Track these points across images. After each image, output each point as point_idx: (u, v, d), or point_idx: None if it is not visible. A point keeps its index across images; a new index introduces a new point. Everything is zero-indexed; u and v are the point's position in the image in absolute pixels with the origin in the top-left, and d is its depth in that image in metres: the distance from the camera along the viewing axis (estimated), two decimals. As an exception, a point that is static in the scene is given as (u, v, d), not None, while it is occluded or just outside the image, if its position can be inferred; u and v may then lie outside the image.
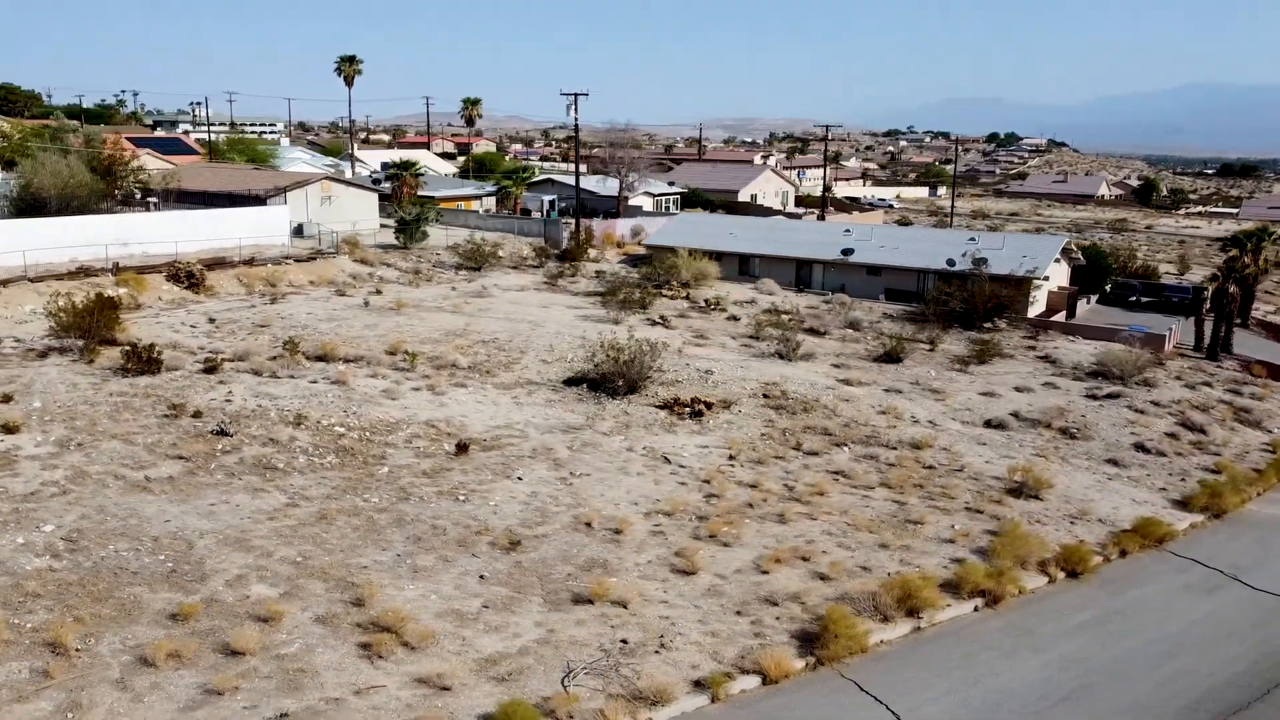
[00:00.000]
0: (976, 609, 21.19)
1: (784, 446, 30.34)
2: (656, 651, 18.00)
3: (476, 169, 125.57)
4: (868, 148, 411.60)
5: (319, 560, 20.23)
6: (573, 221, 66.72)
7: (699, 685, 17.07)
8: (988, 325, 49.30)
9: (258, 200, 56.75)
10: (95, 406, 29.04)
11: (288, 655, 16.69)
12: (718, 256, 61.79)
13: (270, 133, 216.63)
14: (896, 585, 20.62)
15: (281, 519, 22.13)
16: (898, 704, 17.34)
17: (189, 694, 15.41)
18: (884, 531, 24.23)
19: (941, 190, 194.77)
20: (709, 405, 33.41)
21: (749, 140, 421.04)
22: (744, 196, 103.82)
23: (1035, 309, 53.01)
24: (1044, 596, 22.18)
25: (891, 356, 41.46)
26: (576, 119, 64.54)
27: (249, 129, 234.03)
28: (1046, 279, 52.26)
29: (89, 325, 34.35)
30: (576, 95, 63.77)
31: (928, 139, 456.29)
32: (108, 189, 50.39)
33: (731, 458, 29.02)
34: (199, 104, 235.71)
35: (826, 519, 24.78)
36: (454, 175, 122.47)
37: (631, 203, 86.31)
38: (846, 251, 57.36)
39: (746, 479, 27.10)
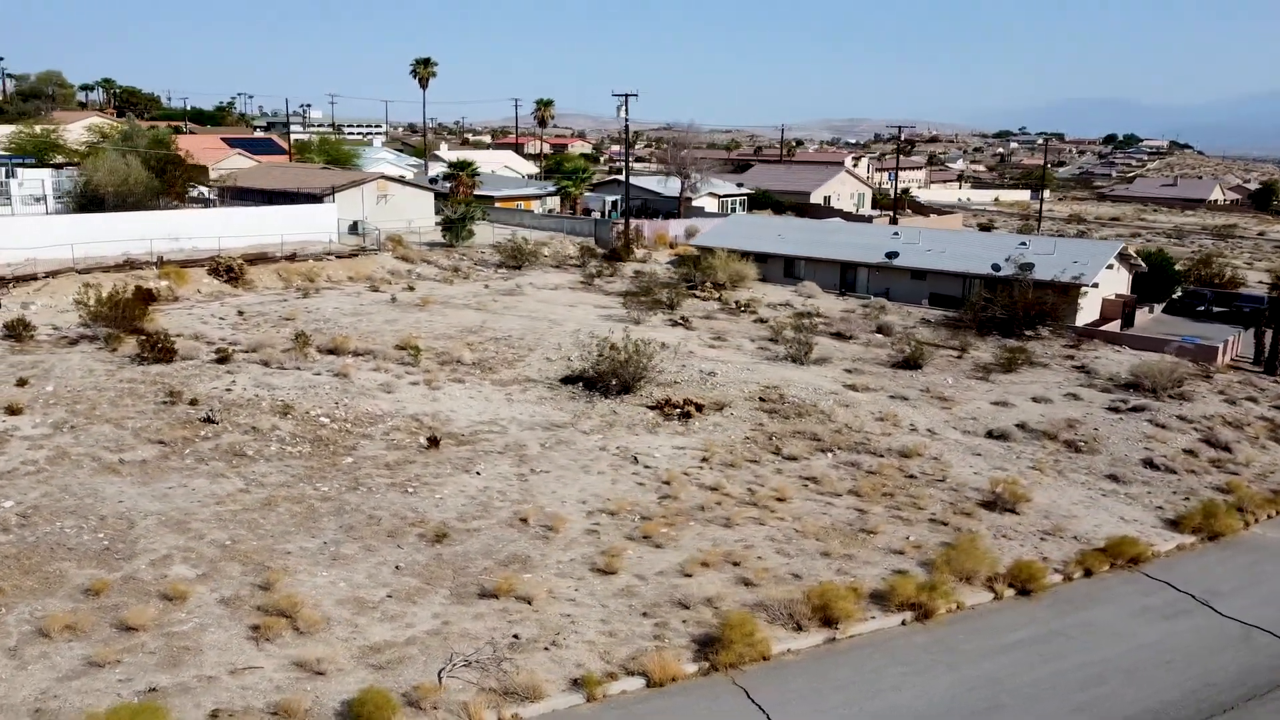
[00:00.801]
0: (904, 623, 20.59)
1: (763, 450, 29.98)
2: (546, 648, 18.08)
3: (556, 170, 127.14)
4: (976, 149, 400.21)
5: (246, 545, 20.98)
6: (623, 221, 66.95)
7: (576, 684, 17.08)
8: (1029, 333, 47.60)
9: (313, 199, 58.79)
10: (102, 392, 30.64)
11: (179, 633, 17.39)
12: (764, 258, 61.33)
13: (374, 133, 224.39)
14: (815, 594, 20.19)
15: (229, 504, 23.01)
16: (782, 714, 17.02)
17: (72, 665, 16.23)
18: (831, 540, 23.73)
19: (1045, 193, 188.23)
20: (699, 407, 33.23)
21: (853, 141, 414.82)
22: (817, 199, 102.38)
23: (1085, 317, 50.87)
24: (984, 613, 21.39)
25: (910, 363, 40.43)
26: (627, 120, 64.82)
27: (352, 130, 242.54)
28: (1095, 286, 50.07)
29: (116, 315, 36.21)
30: (627, 96, 64.07)
31: (1040, 141, 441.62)
32: (163, 187, 52.94)
33: (704, 460, 28.82)
34: (308, 106, 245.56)
35: (777, 524, 24.41)
36: (536, 176, 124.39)
37: (695, 203, 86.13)
38: (891, 255, 56.10)
39: (709, 482, 26.88)
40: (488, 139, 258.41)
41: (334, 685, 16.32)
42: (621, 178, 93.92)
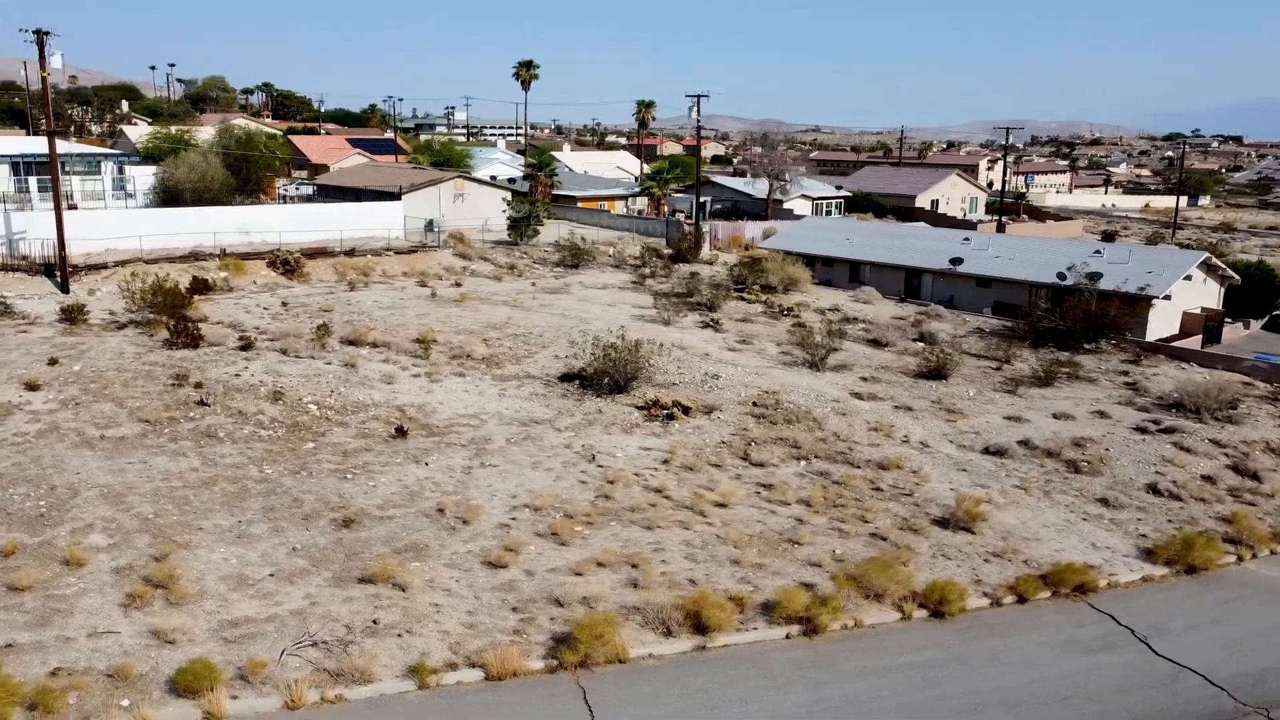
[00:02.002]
0: (789, 636, 19.98)
1: (732, 456, 29.53)
2: (399, 635, 18.49)
3: (669, 171, 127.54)
4: (1142, 153, 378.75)
5: (167, 519, 22.26)
6: (693, 222, 66.79)
7: (412, 671, 17.42)
8: (1088, 346, 44.98)
9: (389, 196, 61.22)
10: (121, 373, 32.98)
11: (60, 596, 18.68)
12: (830, 263, 60.18)
13: (502, 135, 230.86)
14: (691, 601, 19.87)
15: (173, 481, 24.44)
16: (611, 715, 16.88)
17: (-51, 618, 17.71)
18: (750, 549, 23.23)
19: (1204, 200, 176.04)
20: (686, 410, 32.99)
21: (1005, 144, 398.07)
22: (923, 202, 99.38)
23: (1160, 330, 47.64)
24: (883, 633, 20.51)
25: (936, 373, 38.89)
26: (699, 121, 64.64)
27: (492, 131, 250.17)
28: (1167, 298, 46.78)
29: (161, 303, 38.82)
30: (699, 97, 63.95)
31: (1215, 144, 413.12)
32: (238, 184, 56.22)
33: (665, 462, 28.64)
34: (453, 109, 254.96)
35: (702, 530, 24.07)
36: (646, 176, 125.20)
37: (786, 205, 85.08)
38: (955, 261, 53.98)
39: (656, 484, 26.71)
40: (624, 140, 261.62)
41: (178, 654, 17.19)
42: (716, 179, 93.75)
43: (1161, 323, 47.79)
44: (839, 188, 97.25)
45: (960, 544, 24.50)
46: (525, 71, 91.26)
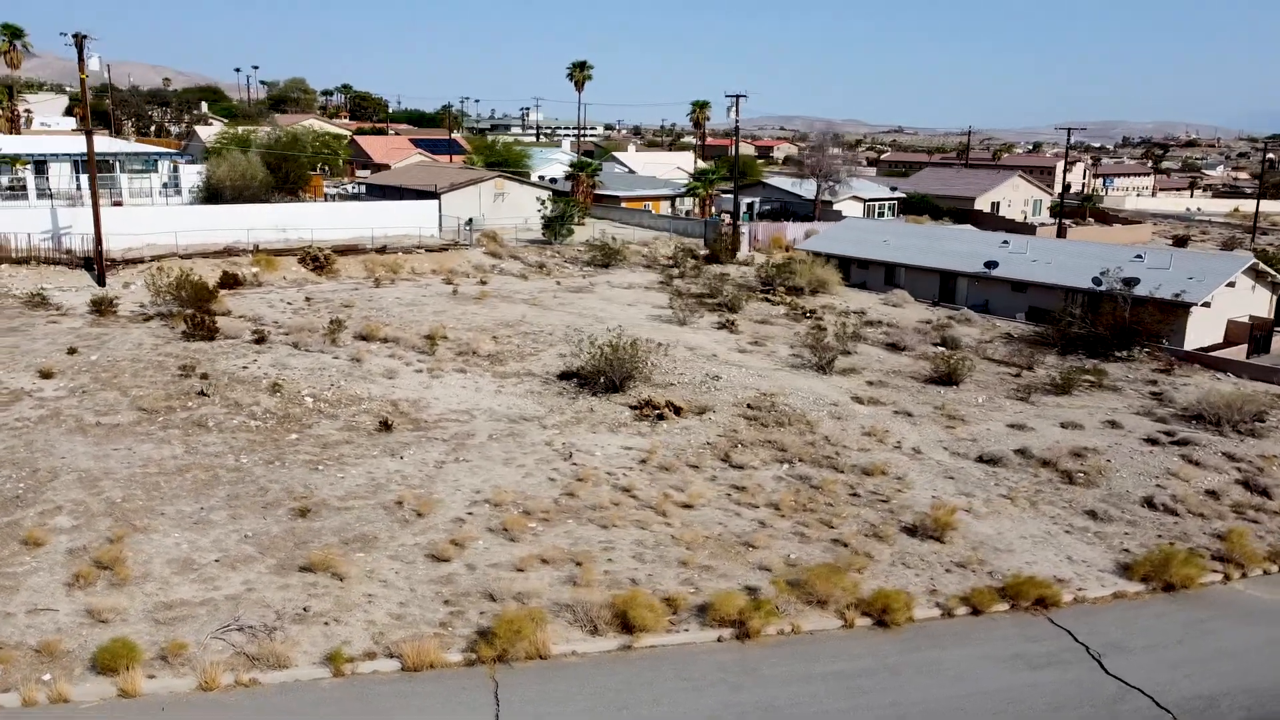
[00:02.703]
0: (720, 639, 19.80)
1: (713, 457, 29.35)
2: (326, 623, 18.87)
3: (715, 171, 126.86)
4: (1240, 155, 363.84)
5: (133, 504, 23.08)
6: (730, 223, 66.46)
7: (328, 659, 17.77)
8: (1120, 354, 43.49)
9: (431, 195, 62.29)
10: (135, 363, 34.26)
11: (10, 574, 19.52)
12: (865, 265, 59.30)
13: (587, 135, 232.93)
14: (620, 601, 19.84)
15: (150, 467, 25.32)
16: (511, 712, 16.97)
17: (-100, 591, 18.66)
18: (701, 550, 23.08)
19: (1262, 204, 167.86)
20: (678, 410, 32.90)
21: (1097, 145, 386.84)
22: (982, 205, 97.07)
23: (1201, 339, 45.76)
24: (820, 640, 20.16)
25: (947, 378, 38.03)
26: (738, 121, 64.28)
27: (565, 131, 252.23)
28: (1206, 305, 44.91)
29: (185, 297, 40.21)
30: (738, 97, 63.59)
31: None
32: (277, 182, 57.82)
33: (642, 462, 28.61)
34: (526, 110, 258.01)
35: (659, 530, 23.98)
36: (691, 177, 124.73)
37: (835, 206, 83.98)
38: (989, 264, 52.66)
39: (626, 483, 26.69)
40: (692, 142, 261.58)
41: (108, 633, 17.83)
42: (768, 180, 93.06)
43: (1202, 331, 45.89)
44: (894, 189, 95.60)
45: (925, 553, 23.95)
46: (579, 72, 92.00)
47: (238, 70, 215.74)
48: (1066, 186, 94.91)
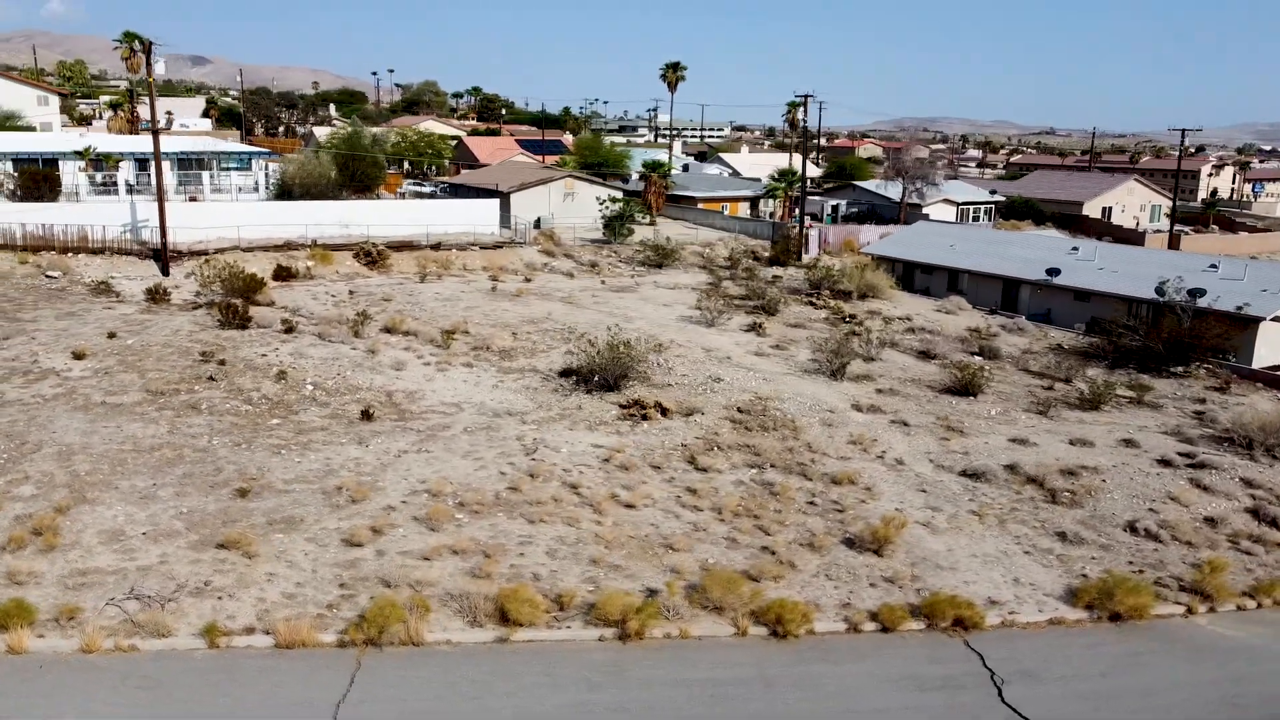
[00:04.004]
0: (602, 638, 19.75)
1: (681, 459, 29.15)
2: (219, 598, 19.77)
3: (838, 174, 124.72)
4: None
5: (94, 478, 24.66)
6: (796, 225, 65.42)
7: (206, 631, 18.64)
8: (1177, 368, 40.82)
9: (498, 195, 63.76)
10: (165, 348, 36.49)
11: (-48, 536, 21.25)
12: (929, 270, 57.45)
13: (714, 137, 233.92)
14: (503, 595, 20.04)
15: (127, 445, 26.96)
16: (362, 691, 17.40)
17: None
18: (618, 550, 23.01)
19: None
20: (665, 411, 32.79)
21: (1268, 149, 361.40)
22: (1092, 210, 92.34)
23: (1273, 356, 42.43)
24: (707, 646, 19.83)
25: (963, 389, 36.53)
26: (805, 122, 63.33)
27: (693, 132, 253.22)
28: (1277, 319, 41.57)
29: (233, 288, 42.53)
30: (806, 98, 62.51)
31: None
32: (344, 181, 60.23)
33: (606, 460, 28.68)
34: (654, 111, 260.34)
35: (588, 528, 24.00)
36: (817, 178, 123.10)
37: (925, 209, 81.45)
38: (1051, 271, 50.15)
39: (576, 480, 26.82)
40: (823, 140, 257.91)
41: (15, 594, 19.21)
42: (860, 182, 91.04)
43: (1276, 348, 42.51)
44: (993, 192, 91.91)
45: (858, 566, 23.20)
46: (672, 73, 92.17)
47: (374, 74, 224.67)
48: (1212, 193, 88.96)
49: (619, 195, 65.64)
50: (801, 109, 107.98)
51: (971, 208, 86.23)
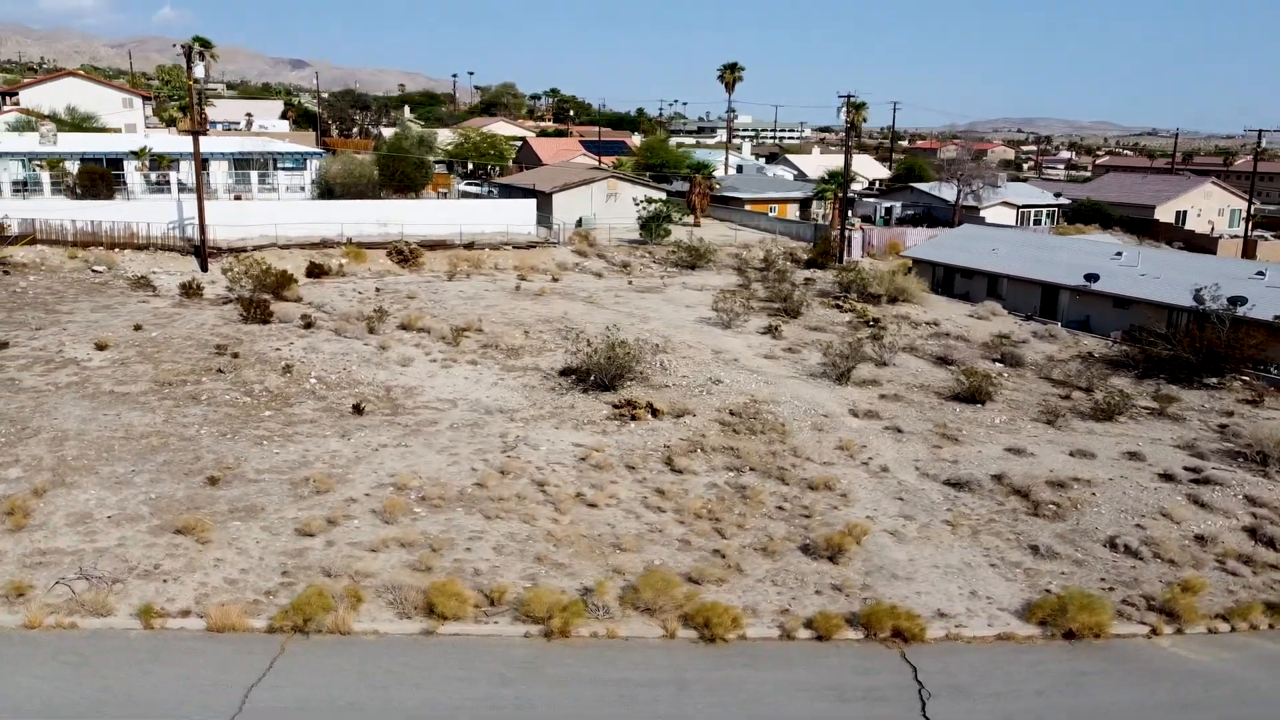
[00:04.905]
0: (527, 635, 19.88)
1: (659, 461, 29.09)
2: (164, 581, 20.52)
3: (907, 176, 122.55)
4: None
5: (79, 463, 25.77)
6: (837, 227, 64.50)
7: (142, 612, 19.37)
8: (1209, 381, 39.13)
9: (536, 195, 64.43)
10: (186, 340, 37.89)
11: (-71, 513, 22.47)
12: (969, 274, 56.14)
13: (791, 138, 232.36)
14: (434, 589, 20.32)
15: (120, 433, 28.09)
16: (277, 676, 17.85)
17: None
18: (567, 548, 23.12)
19: None
20: (655, 412, 32.77)
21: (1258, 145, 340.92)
22: (1165, 214, 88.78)
23: (1321, 369, 40.30)
24: (633, 647, 19.76)
25: (971, 396, 35.61)
26: (849, 122, 62.32)
27: (767, 133, 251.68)
28: (1320, 330, 39.43)
29: (260, 284, 43.95)
30: (849, 98, 61.66)
31: None
32: (383, 181, 61.50)
33: (582, 459, 28.80)
34: (733, 113, 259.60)
35: (544, 525, 24.13)
36: (883, 180, 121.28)
37: (982, 212, 79.49)
38: (1090, 277, 48.46)
39: (544, 478, 26.98)
40: (904, 142, 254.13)
41: (-24, 570, 20.27)
42: (918, 185, 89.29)
43: (1325, 359, 40.32)
44: (1058, 195, 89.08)
45: (808, 572, 22.87)
46: (730, 74, 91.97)
47: (454, 76, 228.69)
48: (1252, 195, 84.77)
49: (658, 196, 65.63)
50: (844, 110, 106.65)
51: (1033, 211, 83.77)
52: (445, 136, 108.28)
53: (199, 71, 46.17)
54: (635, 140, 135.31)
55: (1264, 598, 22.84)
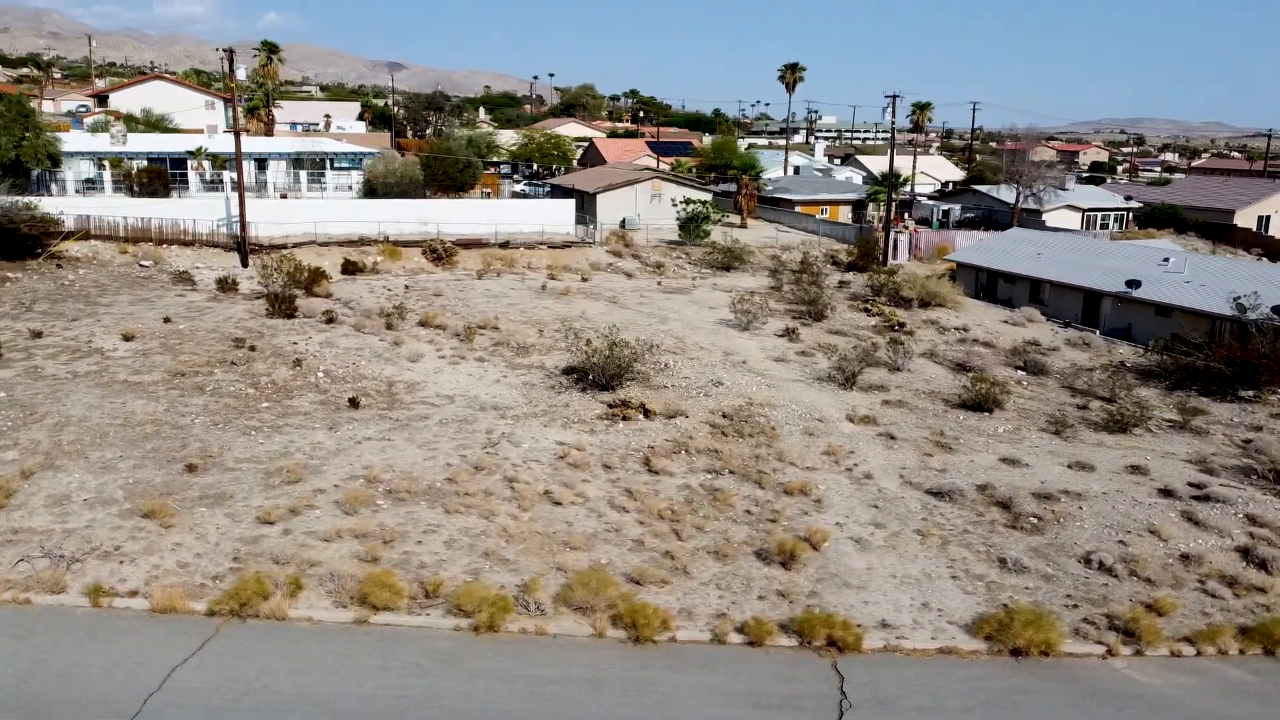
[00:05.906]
0: (457, 628, 20.13)
1: (637, 461, 29.09)
2: (121, 562, 21.39)
3: (976, 179, 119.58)
4: None
5: (74, 448, 26.99)
6: (881, 229, 63.33)
7: (91, 591, 20.23)
8: (1244, 393, 37.35)
9: (577, 195, 64.89)
10: (211, 333, 39.33)
11: (-79, 492, 23.82)
12: (1011, 280, 54.60)
13: (868, 139, 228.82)
14: (368, 580, 20.73)
15: (119, 420, 29.32)
16: (204, 656, 18.46)
17: None
18: (518, 545, 23.31)
19: None
20: (647, 412, 32.77)
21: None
22: (1246, 219, 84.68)
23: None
24: (558, 644, 19.85)
25: (978, 404, 34.65)
26: (894, 122, 61.13)
27: (855, 134, 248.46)
28: (1367, 343, 37.18)
29: (292, 280, 45.33)
30: (894, 98, 60.49)
31: None
32: (425, 180, 62.58)
33: (561, 457, 28.98)
34: (818, 115, 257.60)
35: (500, 521, 24.39)
36: (956, 181, 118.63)
37: (1044, 216, 77.09)
38: (1131, 284, 46.62)
39: (516, 475, 27.22)
40: (993, 144, 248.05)
41: (-51, 546, 21.45)
42: (980, 187, 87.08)
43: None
44: (1128, 198, 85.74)
45: (757, 577, 22.62)
46: (790, 74, 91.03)
47: (534, 78, 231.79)
48: None
49: (698, 197, 65.40)
50: (888, 109, 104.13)
51: (1099, 214, 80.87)
52: (507, 137, 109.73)
53: (240, 74, 47.91)
54: (705, 141, 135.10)
55: (1240, 621, 21.76)
